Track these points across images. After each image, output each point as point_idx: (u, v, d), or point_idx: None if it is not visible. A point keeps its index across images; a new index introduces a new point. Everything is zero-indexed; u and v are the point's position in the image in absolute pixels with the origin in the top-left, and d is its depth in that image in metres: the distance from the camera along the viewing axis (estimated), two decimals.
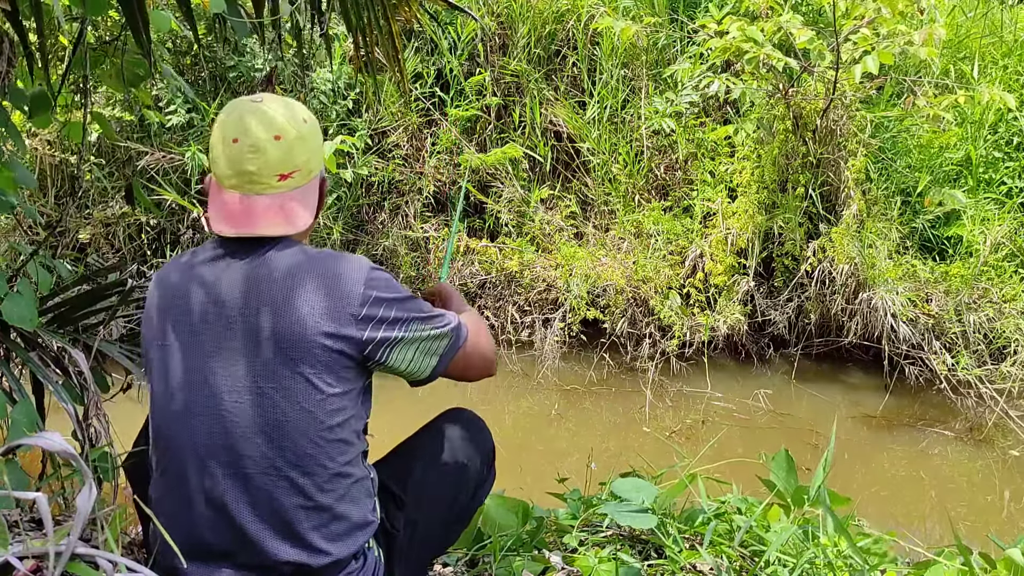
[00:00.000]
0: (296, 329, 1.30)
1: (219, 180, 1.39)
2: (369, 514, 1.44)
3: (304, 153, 1.39)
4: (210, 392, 1.33)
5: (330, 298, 1.31)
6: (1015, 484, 3.78)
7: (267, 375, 1.31)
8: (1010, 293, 4.47)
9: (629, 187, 5.25)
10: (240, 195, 1.37)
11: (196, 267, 1.39)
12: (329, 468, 1.35)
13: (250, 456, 1.32)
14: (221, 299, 1.34)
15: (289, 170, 1.37)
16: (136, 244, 5.38)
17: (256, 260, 1.35)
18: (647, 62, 5.34)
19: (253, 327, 1.32)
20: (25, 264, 1.97)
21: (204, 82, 5.38)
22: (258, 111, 1.37)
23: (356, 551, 1.41)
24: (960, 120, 4.88)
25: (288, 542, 1.33)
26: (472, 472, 1.64)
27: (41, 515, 0.98)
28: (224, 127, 1.37)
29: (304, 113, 1.42)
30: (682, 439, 4.08)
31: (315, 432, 1.33)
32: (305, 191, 1.41)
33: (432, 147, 5.48)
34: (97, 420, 1.86)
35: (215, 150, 1.38)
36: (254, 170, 1.35)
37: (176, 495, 1.36)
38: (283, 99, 1.43)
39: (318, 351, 1.31)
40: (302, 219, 1.39)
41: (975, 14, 5.40)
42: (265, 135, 1.35)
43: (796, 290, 4.86)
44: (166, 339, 1.37)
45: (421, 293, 1.73)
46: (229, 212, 1.36)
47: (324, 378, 1.32)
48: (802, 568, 1.76)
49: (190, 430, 1.34)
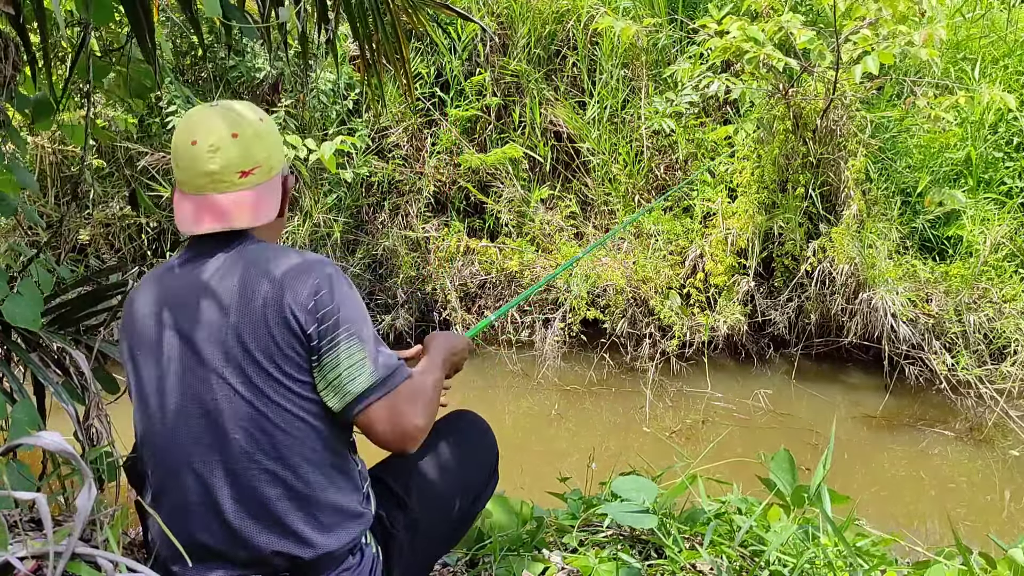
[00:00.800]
0: (254, 322, 1.32)
1: (182, 186, 1.42)
2: (359, 505, 1.44)
3: (263, 150, 1.42)
4: (187, 395, 1.35)
5: (293, 291, 1.33)
6: (1015, 484, 3.78)
7: (234, 371, 1.33)
8: (1010, 293, 4.47)
9: (629, 187, 5.25)
10: (204, 196, 1.39)
11: (164, 276, 1.42)
12: (309, 458, 1.36)
13: (231, 452, 1.34)
14: (188, 302, 1.37)
15: (250, 166, 1.40)
16: (136, 244, 5.38)
17: (221, 259, 1.38)
18: (647, 62, 5.34)
19: (219, 325, 1.34)
20: (27, 265, 1.97)
21: (204, 82, 5.38)
22: (213, 113, 1.41)
23: (350, 544, 1.41)
24: (960, 120, 4.88)
25: (276, 534, 1.35)
26: (475, 476, 1.65)
27: (41, 515, 0.98)
28: (182, 132, 1.41)
29: (259, 113, 1.46)
30: (682, 439, 4.08)
31: (287, 423, 1.34)
32: (268, 187, 1.44)
33: (432, 147, 5.48)
34: (98, 420, 1.87)
35: (176, 157, 1.41)
36: (216, 169, 1.38)
37: (168, 498, 1.38)
38: (238, 101, 1.47)
39: (276, 338, 1.32)
40: (265, 214, 1.41)
41: (975, 14, 5.40)
42: (223, 134, 1.38)
43: (796, 290, 4.86)
44: (140, 348, 1.40)
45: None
46: (195, 213, 1.39)
47: (285, 369, 1.33)
48: (802, 568, 1.76)
49: (173, 433, 1.36)
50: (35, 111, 2.00)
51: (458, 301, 5.18)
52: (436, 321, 5.23)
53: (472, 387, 4.73)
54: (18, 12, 1.65)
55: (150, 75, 2.16)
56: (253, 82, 5.26)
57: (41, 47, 1.72)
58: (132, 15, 1.72)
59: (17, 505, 1.63)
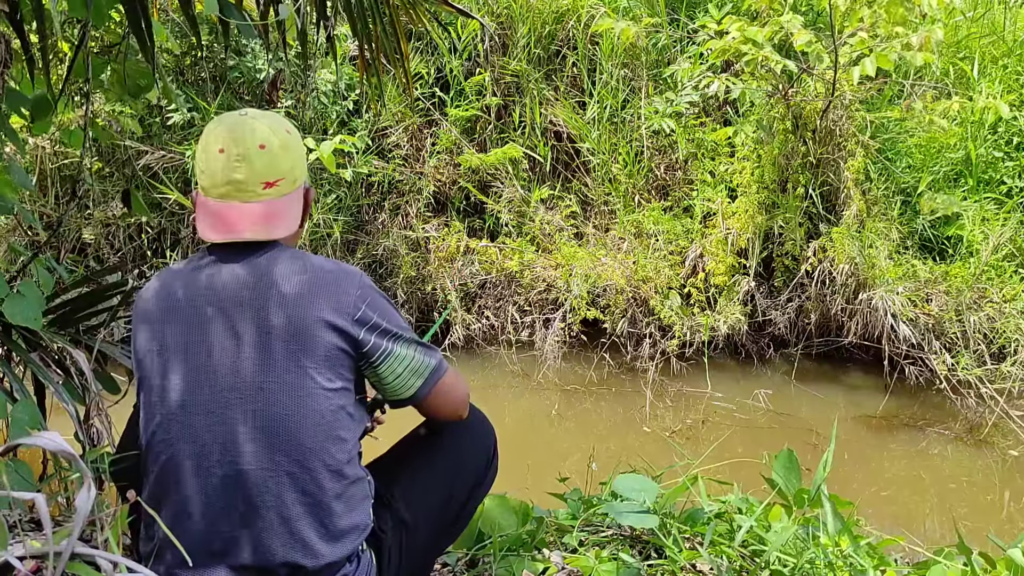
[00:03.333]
0: (298, 323, 1.34)
1: (206, 191, 1.44)
2: (367, 517, 1.45)
3: (288, 162, 1.44)
4: (211, 391, 1.35)
5: (329, 293, 1.37)
6: (1015, 484, 3.78)
7: (269, 370, 1.34)
8: (1010, 293, 4.47)
9: (629, 187, 5.26)
10: (227, 203, 1.41)
11: (192, 273, 1.42)
12: (329, 465, 1.36)
13: (251, 452, 1.33)
14: (220, 300, 1.37)
15: (274, 178, 1.42)
16: (136, 244, 5.38)
17: (252, 263, 1.40)
18: (647, 62, 5.34)
19: (255, 324, 1.35)
20: (27, 265, 1.97)
21: (204, 82, 5.38)
22: (242, 123, 1.42)
23: (350, 554, 1.41)
24: (960, 120, 4.88)
25: (285, 540, 1.34)
26: (469, 468, 1.63)
27: (40, 516, 0.98)
28: (209, 139, 1.42)
29: (286, 124, 1.49)
30: (682, 439, 4.08)
31: (314, 427, 1.35)
32: (290, 199, 1.46)
33: (432, 147, 5.48)
34: (98, 420, 1.87)
35: (201, 162, 1.43)
36: (241, 179, 1.40)
37: (173, 497, 1.36)
38: (267, 112, 1.49)
39: (319, 344, 1.35)
40: (287, 225, 1.44)
41: (976, 13, 5.39)
42: (250, 145, 1.40)
43: (796, 290, 4.85)
44: (164, 343, 1.39)
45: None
46: (217, 220, 1.41)
47: (324, 373, 1.35)
48: (802, 568, 1.76)
49: (191, 429, 1.35)
50: (34, 110, 2.00)
51: (458, 301, 5.18)
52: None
53: (472, 387, 4.72)
54: (15, 11, 1.64)
55: (147, 74, 2.16)
56: (254, 82, 5.26)
57: (40, 46, 1.72)
58: (131, 14, 1.72)
59: (16, 505, 1.62)
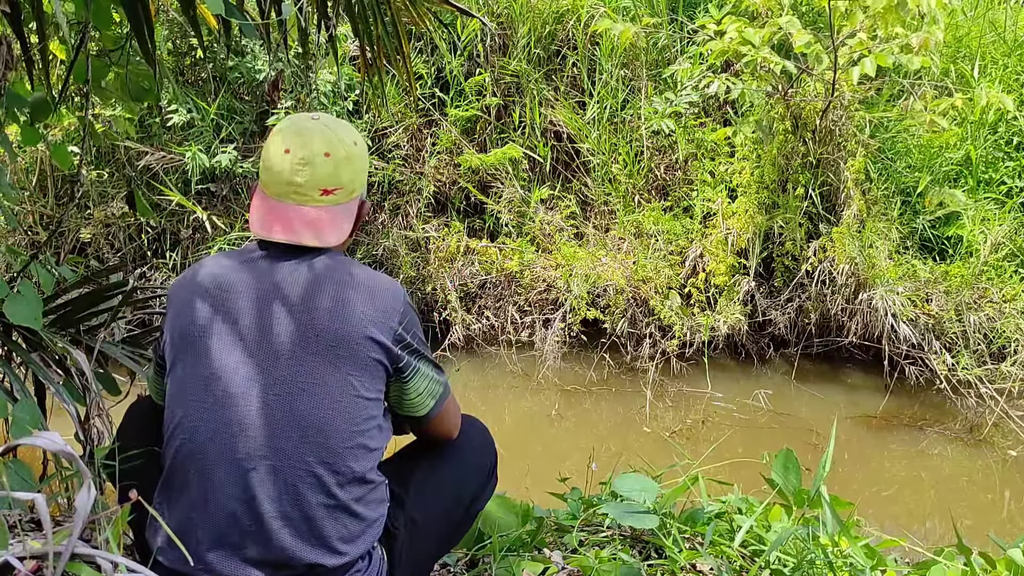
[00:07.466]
0: (345, 330, 1.37)
1: (265, 187, 1.46)
2: (383, 518, 1.48)
3: (349, 173, 1.47)
4: (249, 385, 1.36)
5: (376, 308, 1.40)
6: (1015, 484, 3.78)
7: (310, 372, 1.36)
8: (1010, 293, 4.47)
9: (629, 187, 5.26)
10: (284, 203, 1.43)
11: (244, 265, 1.44)
12: (355, 469, 1.39)
13: (282, 449, 1.34)
14: (269, 297, 1.39)
15: (333, 186, 1.45)
16: (136, 244, 5.38)
17: (303, 264, 1.42)
18: (647, 62, 5.34)
19: (301, 326, 1.37)
20: (27, 265, 1.97)
21: (204, 82, 5.38)
22: (312, 127, 1.45)
23: (364, 552, 1.43)
24: (960, 120, 4.88)
25: (306, 539, 1.35)
26: (474, 476, 1.67)
27: (40, 516, 0.98)
28: (280, 137, 1.44)
29: (355, 136, 1.50)
30: (682, 439, 4.08)
31: (347, 431, 1.37)
32: (346, 208, 1.49)
33: (432, 147, 5.48)
34: (99, 421, 1.87)
35: (268, 159, 1.45)
36: (301, 182, 1.42)
37: (194, 484, 1.36)
38: (338, 120, 1.51)
39: (361, 354, 1.38)
40: (338, 234, 1.46)
41: (976, 12, 5.39)
42: (316, 150, 1.42)
43: (796, 290, 4.85)
44: (208, 330, 1.39)
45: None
46: (271, 217, 1.43)
47: (363, 381, 1.39)
48: (802, 568, 1.76)
49: (223, 421, 1.35)
50: (33, 112, 2.00)
51: (458, 301, 5.18)
52: (436, 321, 5.23)
53: (472, 387, 4.74)
54: (15, 12, 1.64)
55: (150, 77, 2.16)
56: (254, 83, 5.26)
57: (40, 47, 1.72)
58: (132, 15, 1.72)
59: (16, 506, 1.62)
